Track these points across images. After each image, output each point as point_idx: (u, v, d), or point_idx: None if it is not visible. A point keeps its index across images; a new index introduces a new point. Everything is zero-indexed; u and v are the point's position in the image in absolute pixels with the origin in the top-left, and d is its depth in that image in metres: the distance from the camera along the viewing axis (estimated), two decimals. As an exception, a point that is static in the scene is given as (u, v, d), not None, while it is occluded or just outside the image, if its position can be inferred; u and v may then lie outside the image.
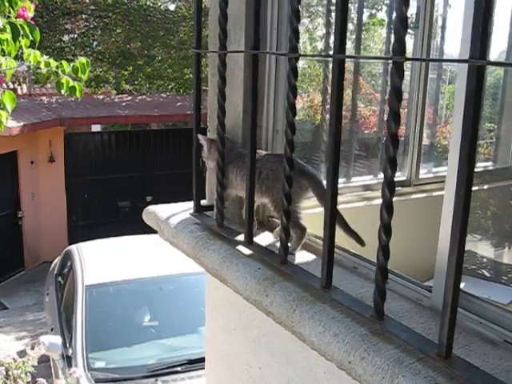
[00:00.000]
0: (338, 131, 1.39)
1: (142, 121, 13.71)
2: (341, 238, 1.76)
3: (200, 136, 2.04)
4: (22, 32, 1.88)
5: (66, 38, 14.29)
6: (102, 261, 6.91)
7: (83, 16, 14.39)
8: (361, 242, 1.80)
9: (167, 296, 6.45)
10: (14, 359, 2.34)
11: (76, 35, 14.25)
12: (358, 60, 2.74)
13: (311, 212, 2.27)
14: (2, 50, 1.92)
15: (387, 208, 1.29)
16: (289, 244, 1.69)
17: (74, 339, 5.57)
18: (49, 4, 13.15)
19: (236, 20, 2.00)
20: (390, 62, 1.22)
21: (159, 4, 15.23)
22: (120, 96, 14.46)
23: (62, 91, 2.06)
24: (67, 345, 5.70)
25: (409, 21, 1.23)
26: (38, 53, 2.07)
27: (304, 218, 1.89)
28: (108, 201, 12.82)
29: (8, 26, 1.87)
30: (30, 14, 2.06)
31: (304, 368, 1.81)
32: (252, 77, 1.68)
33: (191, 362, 5.30)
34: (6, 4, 1.91)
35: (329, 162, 1.43)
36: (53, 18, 13.43)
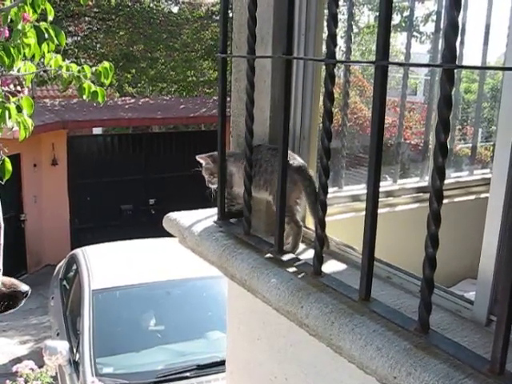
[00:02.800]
0: (380, 137, 1.35)
1: (145, 123, 13.68)
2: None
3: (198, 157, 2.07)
4: (46, 35, 1.85)
5: (69, 40, 14.25)
6: (108, 265, 6.86)
7: (86, 18, 14.37)
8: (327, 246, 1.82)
9: (174, 300, 6.40)
10: (32, 369, 2.29)
11: (79, 38, 14.22)
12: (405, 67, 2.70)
13: (338, 218, 2.24)
14: (24, 54, 1.88)
15: (435, 218, 1.25)
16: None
17: (82, 344, 5.51)
18: (52, 6, 13.10)
19: (263, 24, 1.96)
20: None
21: (162, 6, 15.20)
22: (123, 99, 14.43)
23: (84, 96, 2.01)
24: (74, 350, 5.65)
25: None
26: (59, 57, 2.04)
27: (331, 224, 1.86)
28: (111, 204, 12.78)
29: (32, 30, 1.83)
30: (50, 17, 2.03)
31: (335, 380, 1.77)
32: (285, 82, 1.64)
33: (200, 367, 5.25)
34: (28, 7, 1.88)
35: (369, 171, 1.39)
36: (56, 21, 13.38)
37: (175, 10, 15.58)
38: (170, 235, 3.50)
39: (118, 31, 14.43)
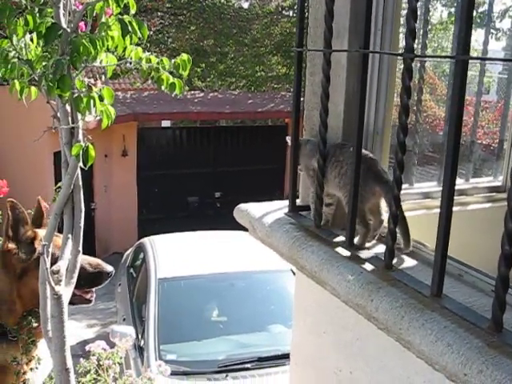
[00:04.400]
0: (458, 133, 1.34)
1: (213, 117, 13.84)
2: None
3: (289, 138, 2.04)
4: (130, 28, 1.91)
5: (141, 34, 14.57)
6: (174, 254, 7.00)
7: (159, 13, 14.65)
8: (408, 246, 1.83)
9: (238, 292, 6.47)
10: (104, 349, 2.39)
11: (151, 32, 14.52)
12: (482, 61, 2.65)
13: (409, 215, 2.22)
14: (107, 46, 1.96)
15: (513, 216, 1.24)
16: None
17: (147, 330, 5.66)
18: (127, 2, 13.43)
19: (339, 18, 1.96)
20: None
21: (233, 2, 15.33)
22: (192, 92, 14.64)
23: (162, 87, 2.07)
24: (139, 336, 5.81)
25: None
26: (139, 49, 2.10)
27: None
28: (177, 195, 12.99)
29: (117, 23, 1.90)
30: (133, 11, 2.09)
31: (401, 376, 1.77)
32: (362, 77, 1.65)
33: (261, 359, 5.29)
34: (111, 1, 1.95)
35: (445, 169, 1.39)
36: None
37: (246, 5, 15.71)
38: (235, 228, 3.56)
39: (189, 26, 14.65)
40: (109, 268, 2.42)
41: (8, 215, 2.23)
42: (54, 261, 1.89)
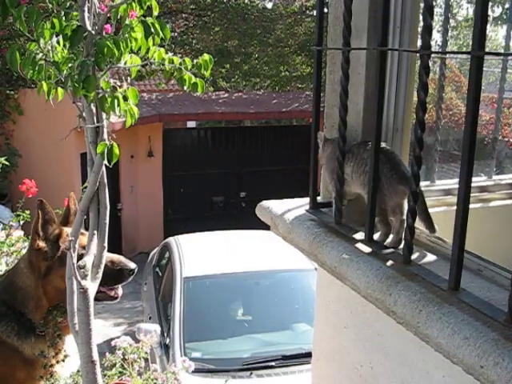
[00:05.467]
0: (473, 129, 1.36)
1: (238, 118, 13.90)
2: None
3: (319, 133, 2.06)
4: (152, 30, 1.96)
5: (166, 36, 14.68)
6: (199, 254, 7.07)
7: (183, 15, 14.75)
8: (433, 228, 1.83)
9: (262, 291, 6.52)
10: (129, 344, 2.44)
11: (176, 34, 14.63)
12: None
13: (430, 212, 2.23)
14: (131, 48, 2.00)
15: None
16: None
17: (172, 328, 5.73)
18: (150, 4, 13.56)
19: (358, 16, 1.98)
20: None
21: (257, 2, 15.38)
22: (217, 93, 14.73)
23: (185, 87, 2.11)
24: (165, 334, 5.88)
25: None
26: (162, 50, 2.14)
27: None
28: (202, 195, 13.07)
29: (140, 25, 1.95)
30: (156, 13, 2.13)
31: (420, 370, 1.78)
32: (379, 74, 1.67)
33: (286, 357, 5.33)
34: (135, 4, 2.00)
35: (462, 164, 1.40)
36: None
37: (269, 5, 15.75)
38: (259, 227, 3.58)
39: (214, 27, 14.73)
40: (131, 265, 2.44)
41: (38, 214, 2.30)
42: (79, 258, 1.94)
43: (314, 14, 15.38)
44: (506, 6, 9.27)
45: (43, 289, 2.35)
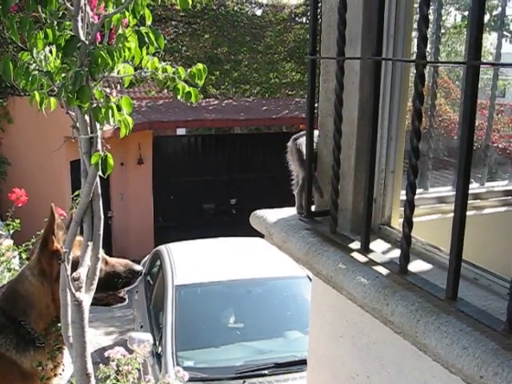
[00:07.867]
0: (470, 138, 1.36)
1: (228, 124, 13.92)
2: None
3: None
4: (146, 39, 1.95)
5: (156, 43, 14.68)
6: (191, 261, 7.04)
7: (173, 22, 14.76)
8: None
9: (254, 299, 6.50)
10: (123, 355, 2.42)
11: (166, 41, 14.60)
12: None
13: (424, 220, 2.24)
14: (124, 57, 1.99)
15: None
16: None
17: (164, 337, 5.69)
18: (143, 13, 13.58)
19: (352, 25, 1.98)
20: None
21: (246, 9, 15.42)
22: (207, 100, 14.73)
23: (178, 96, 2.10)
24: (157, 343, 5.84)
25: None
26: (155, 59, 2.13)
27: (417, 225, 1.86)
28: (193, 203, 13.06)
29: (134, 34, 1.94)
30: (149, 22, 2.12)
31: (418, 380, 1.78)
32: (374, 83, 1.67)
33: (278, 365, 5.30)
34: (128, 13, 1.99)
35: (459, 172, 1.40)
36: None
37: (259, 12, 15.79)
38: (251, 234, 3.57)
39: (203, 34, 14.76)
40: (138, 267, 2.47)
41: (53, 217, 2.27)
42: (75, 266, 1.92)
43: (304, 20, 15.47)
44: (494, 12, 9.33)
45: (53, 296, 2.30)
